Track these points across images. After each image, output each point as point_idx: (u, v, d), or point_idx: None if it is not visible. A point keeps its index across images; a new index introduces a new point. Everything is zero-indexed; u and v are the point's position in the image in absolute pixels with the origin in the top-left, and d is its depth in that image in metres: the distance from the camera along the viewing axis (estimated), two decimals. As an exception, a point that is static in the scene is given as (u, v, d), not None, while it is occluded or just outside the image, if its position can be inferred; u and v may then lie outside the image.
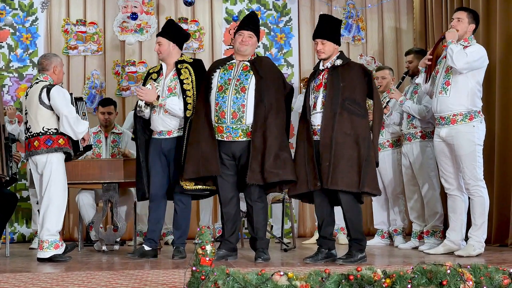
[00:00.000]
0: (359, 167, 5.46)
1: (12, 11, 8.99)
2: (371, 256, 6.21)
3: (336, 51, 5.81)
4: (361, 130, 5.54)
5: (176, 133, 6.15)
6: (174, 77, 6.23)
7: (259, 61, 5.99)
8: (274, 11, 9.33)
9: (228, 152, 5.84)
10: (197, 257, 4.35)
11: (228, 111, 5.80)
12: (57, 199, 6.01)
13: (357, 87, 5.63)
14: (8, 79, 8.90)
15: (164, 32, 6.29)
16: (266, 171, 5.64)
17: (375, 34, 9.42)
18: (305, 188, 5.64)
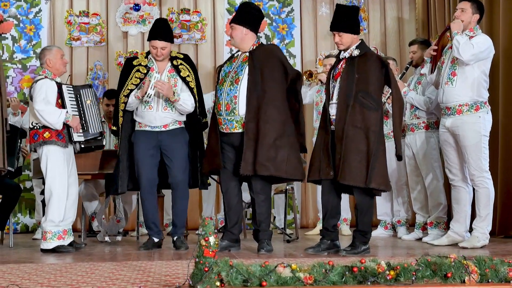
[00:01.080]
0: (367, 161, 5.41)
1: (16, 3, 8.99)
2: (374, 248, 6.20)
3: (355, 41, 5.70)
4: (371, 123, 5.47)
5: (172, 126, 6.15)
6: (171, 74, 6.21)
7: (259, 50, 5.92)
8: (276, 1, 9.31)
9: (229, 142, 5.85)
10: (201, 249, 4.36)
11: (223, 103, 5.81)
12: (55, 191, 6.00)
13: (372, 79, 5.55)
14: (11, 70, 8.90)
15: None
16: (258, 162, 5.61)
17: (377, 24, 9.39)
18: (317, 176, 5.63)
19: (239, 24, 5.94)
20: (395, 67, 7.59)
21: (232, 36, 5.96)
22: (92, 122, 6.18)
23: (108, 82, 9.03)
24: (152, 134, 6.12)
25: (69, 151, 6.13)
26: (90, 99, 6.20)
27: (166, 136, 6.12)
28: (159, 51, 6.16)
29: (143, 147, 6.12)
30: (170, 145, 6.11)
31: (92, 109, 6.21)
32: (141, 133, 6.17)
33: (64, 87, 6.17)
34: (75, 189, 6.19)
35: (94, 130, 6.18)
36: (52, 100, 6.05)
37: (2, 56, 8.84)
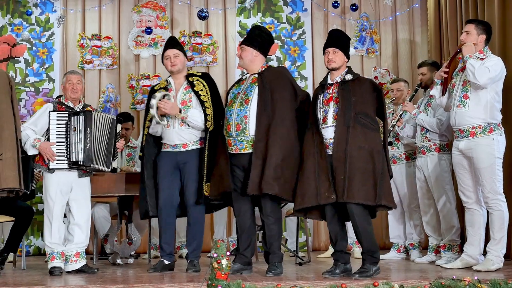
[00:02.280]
0: (374, 180, 5.41)
1: (29, 26, 9.06)
2: (387, 270, 6.17)
3: (344, 65, 5.78)
4: (374, 144, 5.50)
5: (191, 146, 6.15)
6: (187, 90, 6.23)
7: (267, 72, 5.96)
8: (287, 24, 9.34)
9: (239, 164, 5.84)
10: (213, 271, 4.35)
11: (233, 124, 5.82)
12: (44, 213, 6.17)
13: (368, 102, 5.61)
14: (24, 94, 8.96)
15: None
16: (264, 181, 5.59)
17: (389, 46, 9.40)
18: (314, 202, 5.54)
19: (249, 46, 5.99)
20: (406, 89, 7.59)
21: (242, 57, 6.01)
22: (77, 150, 6.10)
23: (120, 105, 9.06)
24: (172, 154, 6.14)
25: (70, 175, 6.17)
26: (77, 126, 6.12)
27: (184, 157, 6.12)
28: (172, 58, 6.21)
29: (164, 167, 6.15)
30: (186, 166, 6.11)
31: (82, 137, 6.11)
32: (163, 154, 6.20)
33: (54, 114, 6.17)
34: (81, 212, 6.21)
35: (78, 158, 6.09)
36: (39, 123, 6.18)
37: (15, 79, 8.90)
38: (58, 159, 6.10)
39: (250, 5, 9.26)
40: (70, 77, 6.33)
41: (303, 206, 5.60)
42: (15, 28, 9.05)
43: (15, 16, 9.07)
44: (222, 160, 5.87)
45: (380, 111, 5.69)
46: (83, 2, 9.21)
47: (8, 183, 5.76)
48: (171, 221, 6.22)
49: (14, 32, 9.06)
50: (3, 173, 5.72)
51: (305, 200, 5.56)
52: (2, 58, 8.99)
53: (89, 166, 6.11)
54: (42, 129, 6.20)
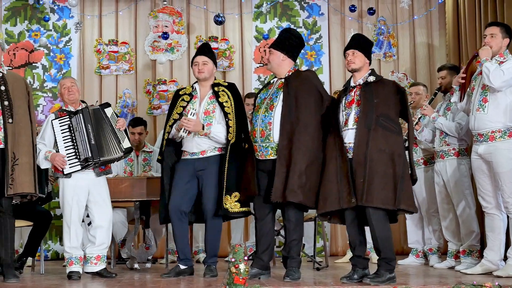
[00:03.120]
0: (394, 184, 5.35)
1: (47, 32, 9.10)
2: (405, 276, 6.13)
3: (366, 67, 5.75)
4: (396, 147, 5.43)
5: (209, 153, 6.13)
6: (211, 100, 6.21)
7: (293, 77, 5.92)
8: (304, 28, 9.32)
9: (264, 169, 5.82)
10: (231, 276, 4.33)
11: (258, 130, 5.82)
12: (63, 218, 6.25)
13: (391, 104, 5.54)
14: (42, 99, 8.99)
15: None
16: (288, 188, 5.57)
17: (406, 50, 9.35)
18: (336, 206, 5.50)
19: (277, 49, 5.97)
20: (425, 93, 7.54)
21: (269, 61, 5.99)
22: (84, 147, 6.13)
23: (137, 110, 9.07)
24: (190, 161, 6.13)
25: (86, 177, 6.19)
26: (78, 126, 6.16)
27: (202, 163, 6.11)
28: (200, 65, 6.21)
29: (180, 173, 6.13)
30: (204, 174, 6.10)
31: (85, 134, 6.15)
32: (182, 162, 6.19)
33: (56, 122, 6.22)
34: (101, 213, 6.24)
35: (87, 155, 6.12)
36: (46, 135, 6.26)
37: (32, 84, 8.94)
38: (70, 162, 6.13)
39: (267, 9, 9.25)
40: (63, 82, 6.40)
41: (325, 211, 5.57)
42: (33, 34, 9.09)
43: (33, 22, 9.11)
44: (249, 165, 5.86)
45: (404, 113, 5.62)
46: (100, 7, 9.24)
47: (24, 188, 5.79)
48: (182, 226, 6.19)
49: (31, 38, 9.09)
50: (19, 178, 5.75)
51: (327, 204, 5.54)
52: (20, 64, 9.04)
53: (99, 160, 6.12)
54: (50, 141, 6.25)
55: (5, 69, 6.03)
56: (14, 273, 5.86)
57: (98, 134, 6.16)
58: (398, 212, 5.51)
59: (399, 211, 5.46)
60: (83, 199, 6.20)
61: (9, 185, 5.72)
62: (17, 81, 6.03)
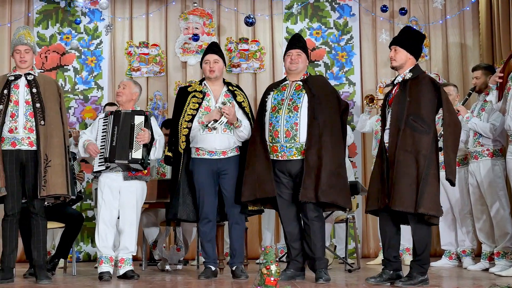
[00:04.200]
0: (417, 186, 5.25)
1: (78, 35, 9.17)
2: (439, 278, 6.07)
3: (410, 63, 5.59)
4: (421, 147, 5.30)
5: (230, 153, 6.12)
6: (227, 98, 6.20)
7: (311, 80, 5.97)
8: (335, 29, 9.28)
9: (285, 170, 5.80)
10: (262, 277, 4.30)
11: (281, 130, 5.78)
12: (96, 217, 6.30)
13: (424, 102, 5.40)
14: (73, 102, 9.05)
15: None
16: (320, 189, 5.57)
17: (439, 50, 9.27)
18: (375, 205, 5.49)
19: (304, 52, 6.02)
20: (456, 94, 7.45)
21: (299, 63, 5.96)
22: (107, 147, 6.16)
23: (168, 112, 9.09)
24: (211, 162, 6.10)
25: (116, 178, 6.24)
26: (108, 127, 6.20)
27: (224, 164, 6.09)
28: (211, 64, 6.20)
29: (203, 175, 6.09)
30: (225, 174, 6.09)
31: (110, 135, 6.17)
32: (200, 161, 6.12)
33: (101, 120, 6.31)
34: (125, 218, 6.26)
35: (106, 154, 6.14)
36: (93, 130, 6.35)
37: (64, 87, 9.00)
38: (100, 161, 6.19)
39: (297, 10, 9.23)
40: (119, 83, 6.47)
41: (370, 209, 5.61)
42: (64, 37, 9.17)
43: (64, 25, 9.18)
44: (261, 166, 5.80)
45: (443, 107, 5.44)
46: (131, 10, 9.29)
47: (56, 190, 5.82)
48: (213, 228, 6.21)
49: (63, 41, 9.17)
50: (51, 179, 5.78)
51: (369, 203, 5.58)
52: (52, 66, 9.12)
53: (113, 161, 6.14)
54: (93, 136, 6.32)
55: (37, 71, 6.07)
56: (46, 275, 5.89)
57: (120, 138, 6.17)
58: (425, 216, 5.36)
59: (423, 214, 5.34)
60: (113, 200, 6.21)
61: (42, 186, 5.75)
62: (48, 83, 6.06)
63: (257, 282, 4.34)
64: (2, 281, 5.78)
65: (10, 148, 5.83)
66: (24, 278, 6.41)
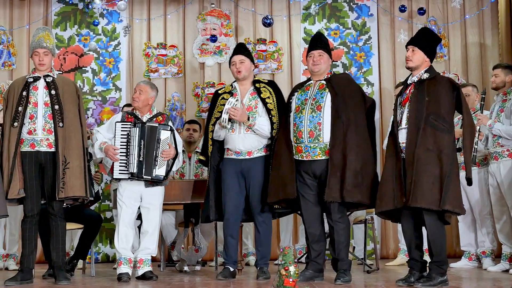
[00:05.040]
0: (440, 184, 5.22)
1: (96, 37, 9.19)
2: (458, 279, 6.02)
3: (426, 64, 5.58)
4: (444, 146, 5.30)
5: (256, 153, 6.12)
6: (253, 96, 6.21)
7: (335, 78, 5.95)
8: (353, 29, 9.24)
9: (309, 171, 5.78)
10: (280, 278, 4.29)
11: (305, 130, 5.76)
12: (117, 220, 6.31)
13: (443, 102, 5.39)
14: (92, 103, 9.08)
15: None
16: (345, 189, 5.55)
17: (458, 50, 9.21)
18: (391, 205, 5.43)
19: (326, 52, 6.00)
20: (475, 94, 7.38)
21: (321, 63, 5.94)
22: (133, 162, 6.16)
23: (186, 113, 9.10)
24: (237, 161, 6.12)
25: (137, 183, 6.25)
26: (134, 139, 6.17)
27: (249, 164, 6.09)
28: (238, 64, 6.22)
29: (230, 174, 6.13)
30: (251, 174, 6.09)
31: (137, 149, 6.16)
32: (227, 161, 6.18)
33: (119, 125, 6.26)
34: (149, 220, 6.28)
35: (133, 170, 6.15)
36: (108, 131, 6.34)
37: (82, 88, 9.03)
38: (120, 169, 6.17)
39: (315, 11, 9.20)
40: (136, 86, 6.49)
41: (381, 210, 5.53)
42: (82, 39, 9.19)
43: (82, 26, 9.21)
44: (286, 167, 5.80)
45: (460, 110, 5.45)
46: (149, 11, 9.31)
47: (75, 191, 5.84)
48: (237, 228, 6.23)
49: (81, 43, 9.20)
50: (70, 181, 5.80)
51: (383, 203, 5.49)
52: (70, 68, 9.15)
53: (142, 177, 6.17)
54: (111, 136, 6.31)
55: (56, 73, 6.09)
56: (65, 276, 5.91)
57: (147, 153, 6.18)
58: (446, 214, 5.36)
59: (444, 212, 5.32)
60: (134, 202, 6.23)
61: (60, 188, 5.78)
62: (67, 85, 6.09)
63: (275, 283, 4.34)
64: (21, 282, 5.81)
65: (29, 149, 5.86)
66: (43, 279, 6.43)
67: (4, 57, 9.09)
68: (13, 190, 5.76)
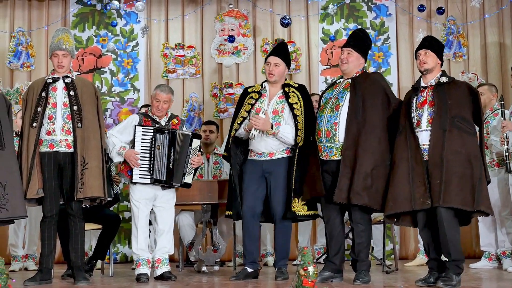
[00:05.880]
0: (472, 185, 5.24)
1: (114, 37, 9.21)
2: (478, 280, 5.99)
3: (438, 68, 5.64)
4: (472, 148, 5.34)
5: (278, 155, 6.10)
6: (280, 100, 6.18)
7: (360, 78, 5.86)
8: (371, 29, 9.20)
9: (328, 170, 5.77)
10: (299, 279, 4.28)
11: (323, 130, 5.77)
12: (132, 221, 6.32)
13: (465, 105, 5.44)
14: (110, 103, 9.10)
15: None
16: (353, 190, 5.52)
17: (477, 50, 9.14)
18: (407, 207, 5.40)
19: (355, 50, 5.93)
20: (491, 93, 7.34)
21: (348, 62, 5.89)
22: (161, 168, 6.18)
23: (204, 114, 9.10)
24: (258, 162, 6.12)
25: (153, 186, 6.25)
26: (162, 146, 6.17)
27: (270, 165, 6.09)
28: (272, 66, 6.18)
29: (250, 175, 6.13)
30: (273, 175, 6.08)
31: (166, 156, 6.18)
32: (250, 162, 6.19)
33: (139, 129, 6.24)
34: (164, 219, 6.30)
35: (161, 177, 6.17)
36: (124, 134, 6.32)
37: (100, 89, 9.05)
38: (141, 173, 6.16)
39: (333, 11, 9.17)
40: (159, 96, 6.37)
41: (396, 211, 5.47)
42: (101, 40, 9.22)
43: (101, 27, 9.24)
44: (314, 166, 5.81)
45: (476, 115, 5.50)
46: (167, 12, 9.32)
47: (93, 192, 5.85)
48: (254, 229, 6.21)
49: (99, 43, 9.22)
50: (88, 182, 5.83)
51: (397, 205, 5.44)
52: (88, 69, 9.17)
53: (171, 185, 6.21)
54: (127, 140, 6.28)
55: (74, 74, 6.11)
56: (84, 276, 5.93)
57: (178, 160, 6.20)
58: (474, 214, 5.36)
59: (477, 213, 5.33)
60: (150, 203, 6.24)
61: (79, 189, 5.80)
62: (86, 86, 6.11)
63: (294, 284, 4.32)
64: (40, 282, 5.84)
65: (48, 150, 5.88)
66: (62, 279, 6.46)
67: (23, 58, 9.13)
68: (32, 190, 5.79)
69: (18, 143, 6.00)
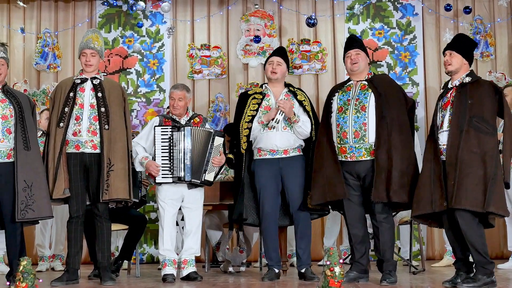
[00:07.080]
0: (485, 186, 5.19)
1: (140, 38, 9.24)
2: (506, 281, 5.93)
3: (465, 68, 5.61)
4: (488, 148, 5.28)
5: (292, 152, 6.10)
6: (287, 97, 6.21)
7: (377, 79, 5.93)
8: (397, 29, 9.15)
9: (353, 172, 5.76)
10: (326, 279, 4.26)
11: (350, 131, 5.74)
12: (159, 221, 6.33)
13: (486, 105, 5.39)
14: (136, 104, 9.13)
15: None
16: (392, 189, 5.53)
17: (505, 49, 9.06)
18: (429, 209, 5.39)
19: (363, 51, 6.01)
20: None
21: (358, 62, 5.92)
22: (179, 166, 6.16)
23: (230, 114, 9.10)
24: (273, 161, 6.10)
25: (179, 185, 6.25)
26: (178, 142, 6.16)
27: (286, 163, 6.08)
28: (275, 64, 6.24)
29: (265, 174, 6.10)
30: (289, 173, 6.08)
31: (183, 152, 6.16)
32: (262, 161, 6.15)
33: (158, 129, 6.23)
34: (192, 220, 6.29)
35: (179, 173, 6.15)
36: (149, 139, 6.31)
37: (127, 90, 9.09)
38: (163, 173, 6.17)
39: (360, 11, 9.14)
40: (172, 94, 6.41)
41: (418, 213, 5.48)
42: (127, 40, 9.26)
43: (127, 28, 9.28)
44: (330, 168, 5.76)
45: (501, 114, 5.45)
46: (192, 12, 9.34)
47: (119, 194, 5.87)
48: (276, 229, 6.20)
49: (125, 44, 9.26)
50: (114, 183, 5.84)
51: (420, 207, 5.44)
52: (114, 70, 9.22)
53: (190, 181, 6.18)
54: (151, 144, 6.30)
55: (102, 75, 6.14)
56: (110, 276, 5.95)
57: (197, 157, 6.19)
58: (490, 216, 5.30)
59: (488, 214, 5.26)
60: (176, 203, 6.25)
61: (104, 190, 5.82)
62: (113, 87, 6.13)
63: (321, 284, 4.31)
64: (67, 283, 5.87)
65: (74, 151, 5.91)
66: (88, 279, 6.49)
67: (49, 60, 9.20)
68: (58, 189, 5.82)
69: (44, 143, 6.03)
